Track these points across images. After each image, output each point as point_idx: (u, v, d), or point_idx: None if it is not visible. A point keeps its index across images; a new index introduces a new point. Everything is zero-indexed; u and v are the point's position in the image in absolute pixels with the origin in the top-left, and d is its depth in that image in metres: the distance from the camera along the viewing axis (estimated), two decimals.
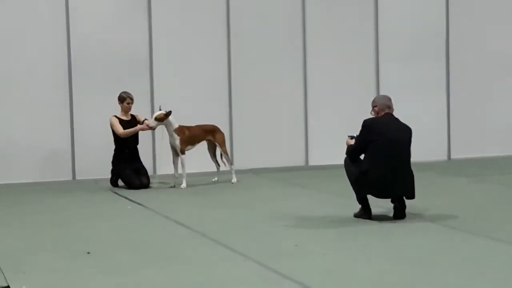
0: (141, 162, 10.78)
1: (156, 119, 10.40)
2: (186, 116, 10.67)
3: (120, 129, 10.56)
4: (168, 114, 10.35)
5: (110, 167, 10.69)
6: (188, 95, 11.67)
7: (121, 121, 10.64)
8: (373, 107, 7.88)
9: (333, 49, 12.50)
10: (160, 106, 10.52)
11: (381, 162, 7.60)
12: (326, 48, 12.46)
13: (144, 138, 11.26)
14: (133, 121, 10.74)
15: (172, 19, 11.83)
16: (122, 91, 10.72)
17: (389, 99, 7.87)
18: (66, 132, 11.43)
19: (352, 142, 7.91)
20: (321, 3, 12.46)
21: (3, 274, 6.02)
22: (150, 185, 10.62)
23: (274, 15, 12.28)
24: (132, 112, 10.79)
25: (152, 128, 10.58)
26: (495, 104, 13.19)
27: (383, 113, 7.79)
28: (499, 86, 13.21)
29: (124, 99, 10.69)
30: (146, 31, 11.71)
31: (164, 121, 10.39)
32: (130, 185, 10.49)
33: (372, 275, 5.87)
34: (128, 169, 10.57)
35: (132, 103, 10.71)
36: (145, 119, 10.80)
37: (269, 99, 12.24)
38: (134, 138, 10.71)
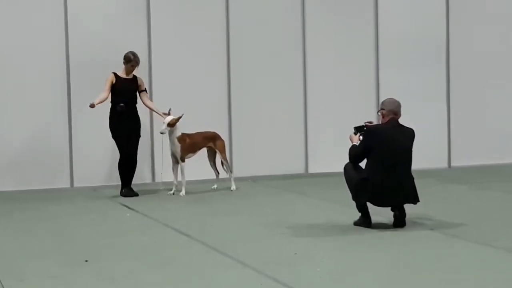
0: (138, 123, 10.46)
1: (169, 124, 10.30)
2: (185, 123, 10.62)
3: (105, 92, 10.24)
4: (179, 118, 10.27)
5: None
6: (187, 102, 11.61)
7: (120, 79, 10.37)
8: (381, 109, 7.89)
9: (333, 57, 12.47)
10: (169, 110, 10.42)
11: (381, 170, 7.60)
12: (326, 56, 12.44)
13: (142, 146, 11.25)
14: (132, 82, 10.45)
15: (172, 24, 11.80)
16: (130, 51, 10.50)
17: (398, 106, 7.84)
18: (64, 139, 11.37)
19: (356, 137, 7.93)
20: (320, 12, 12.43)
21: (0, 281, 5.99)
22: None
23: (274, 22, 12.25)
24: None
25: (163, 133, 10.41)
26: (495, 111, 13.15)
27: (387, 119, 7.79)
28: (500, 94, 13.18)
29: (130, 60, 10.42)
30: (145, 36, 11.67)
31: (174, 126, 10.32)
32: (122, 153, 10.33)
33: (372, 283, 5.85)
34: (124, 135, 10.30)
35: (137, 66, 10.44)
36: (145, 90, 10.54)
37: (269, 106, 12.20)
38: (132, 95, 10.44)
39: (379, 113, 7.93)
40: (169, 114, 10.35)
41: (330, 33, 12.47)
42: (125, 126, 10.37)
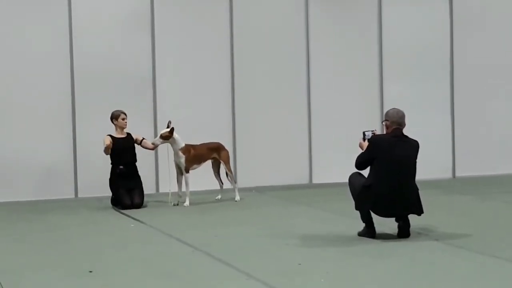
0: (139, 180, 10.52)
1: (161, 136, 10.34)
2: (189, 134, 10.64)
3: (104, 147, 10.32)
4: (171, 131, 10.29)
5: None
6: (192, 113, 11.66)
7: (116, 140, 10.42)
8: (385, 120, 7.89)
9: (337, 67, 12.49)
10: (169, 122, 10.44)
11: (384, 180, 7.60)
12: (330, 67, 12.46)
13: (146, 156, 11.25)
14: (128, 139, 10.53)
15: (175, 37, 11.83)
16: (113, 110, 10.59)
17: (402, 117, 7.83)
18: (68, 149, 11.40)
19: (365, 144, 7.93)
20: (324, 23, 12.45)
21: None
22: (144, 204, 10.45)
23: (278, 33, 12.28)
24: (133, 131, 10.62)
25: (156, 145, 10.51)
26: (500, 121, 13.15)
27: (391, 129, 7.79)
28: (503, 105, 13.18)
29: (118, 115, 10.49)
30: (149, 49, 11.70)
31: (170, 140, 10.33)
32: (122, 206, 10.30)
33: None
34: (121, 189, 10.36)
35: (126, 118, 10.53)
36: (143, 138, 10.70)
37: (273, 117, 12.22)
38: (131, 154, 10.53)
39: (383, 123, 7.96)
40: (168, 126, 10.35)
41: (334, 45, 12.48)
42: (126, 184, 10.40)
